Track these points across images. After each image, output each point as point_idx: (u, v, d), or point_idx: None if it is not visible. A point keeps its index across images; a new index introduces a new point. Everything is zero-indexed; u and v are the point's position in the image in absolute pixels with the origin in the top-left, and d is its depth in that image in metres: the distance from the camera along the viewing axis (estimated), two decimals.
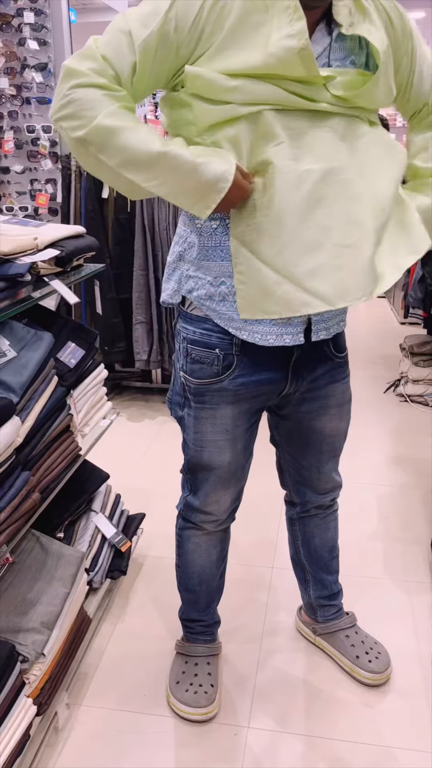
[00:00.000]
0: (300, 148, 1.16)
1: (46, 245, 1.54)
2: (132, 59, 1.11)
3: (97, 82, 1.10)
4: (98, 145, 1.11)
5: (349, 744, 1.51)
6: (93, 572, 1.82)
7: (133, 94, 1.15)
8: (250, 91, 1.12)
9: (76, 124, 1.11)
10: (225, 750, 1.50)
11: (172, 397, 1.45)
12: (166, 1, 1.10)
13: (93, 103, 1.09)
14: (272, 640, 1.83)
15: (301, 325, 1.28)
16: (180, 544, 1.62)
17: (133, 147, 1.10)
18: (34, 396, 1.46)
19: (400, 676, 1.70)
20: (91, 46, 1.12)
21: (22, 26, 3.30)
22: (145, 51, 1.11)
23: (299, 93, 1.14)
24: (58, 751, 1.50)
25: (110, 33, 1.13)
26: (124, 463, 2.86)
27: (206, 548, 1.60)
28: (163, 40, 1.11)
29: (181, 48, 1.13)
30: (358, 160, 1.22)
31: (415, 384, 3.57)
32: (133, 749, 1.51)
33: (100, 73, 1.11)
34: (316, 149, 1.17)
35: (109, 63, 1.11)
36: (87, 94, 1.10)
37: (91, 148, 1.12)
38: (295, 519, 1.72)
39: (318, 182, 1.16)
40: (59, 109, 1.12)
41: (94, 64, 1.10)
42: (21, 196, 3.60)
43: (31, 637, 1.41)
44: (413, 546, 2.25)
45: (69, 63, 1.12)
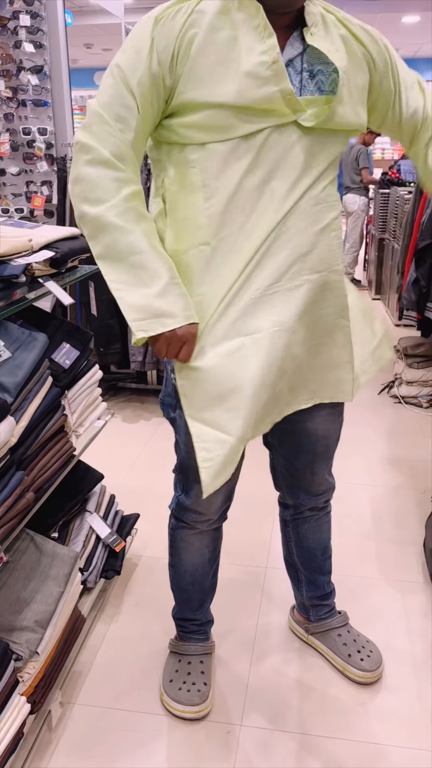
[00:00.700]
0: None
1: (41, 247, 1.55)
2: (134, 104, 1.18)
3: (104, 157, 1.19)
4: (89, 232, 1.22)
5: (341, 742, 1.52)
6: (87, 572, 1.83)
7: (136, 141, 1.21)
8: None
9: (82, 202, 1.22)
10: (218, 748, 1.51)
11: (164, 399, 1.46)
12: (147, 39, 1.15)
13: (99, 186, 1.19)
14: (265, 639, 1.84)
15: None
16: (172, 543, 1.63)
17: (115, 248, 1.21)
18: (29, 396, 1.46)
19: (392, 675, 1.71)
20: (93, 111, 1.20)
21: (18, 29, 3.31)
22: (142, 94, 1.18)
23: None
24: (52, 750, 1.51)
25: (105, 89, 1.20)
26: (118, 464, 2.87)
27: (198, 547, 1.61)
28: (152, 78, 1.17)
29: (165, 79, 1.18)
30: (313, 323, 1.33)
31: (409, 385, 3.59)
32: (126, 747, 1.52)
33: (106, 140, 1.19)
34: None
35: (114, 118, 1.18)
36: (93, 174, 1.19)
37: (84, 230, 1.23)
38: (289, 520, 1.73)
39: (269, 350, 1.25)
40: (72, 182, 1.23)
41: (100, 130, 1.19)
42: (17, 198, 3.61)
43: (25, 636, 1.42)
44: (406, 546, 2.27)
45: (78, 137, 1.21)
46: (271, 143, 1.20)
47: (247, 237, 1.23)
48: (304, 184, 1.23)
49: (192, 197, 1.23)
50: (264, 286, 1.24)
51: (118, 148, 1.19)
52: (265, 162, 1.20)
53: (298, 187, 1.23)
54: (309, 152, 1.23)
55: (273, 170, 1.21)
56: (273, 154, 1.20)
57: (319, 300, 1.31)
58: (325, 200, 1.27)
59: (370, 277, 6.08)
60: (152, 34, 1.15)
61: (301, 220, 1.24)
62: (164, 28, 1.15)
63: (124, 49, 1.19)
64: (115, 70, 1.19)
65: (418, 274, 3.34)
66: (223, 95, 1.15)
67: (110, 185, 1.19)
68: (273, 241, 1.23)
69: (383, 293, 5.73)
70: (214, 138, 1.19)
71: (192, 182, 1.23)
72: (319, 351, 1.37)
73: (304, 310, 1.29)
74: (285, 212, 1.23)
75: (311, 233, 1.26)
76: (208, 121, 1.17)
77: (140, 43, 1.16)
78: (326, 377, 1.41)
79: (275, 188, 1.22)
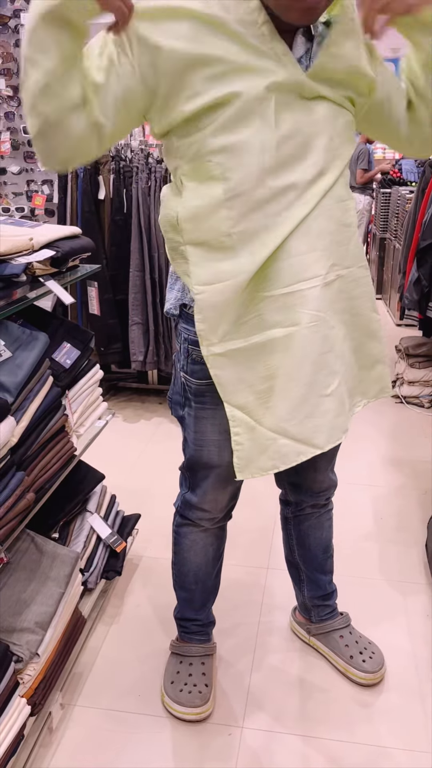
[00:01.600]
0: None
1: (42, 246, 1.55)
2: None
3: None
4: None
5: (343, 744, 1.52)
6: (88, 573, 1.83)
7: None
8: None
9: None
10: (219, 750, 1.51)
11: (172, 396, 1.45)
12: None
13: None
14: (267, 640, 1.84)
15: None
16: (176, 541, 1.63)
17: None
18: (30, 396, 1.46)
19: (394, 676, 1.70)
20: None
21: (18, 27, 3.30)
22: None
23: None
24: (52, 752, 1.50)
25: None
26: (119, 464, 2.86)
27: (202, 546, 1.60)
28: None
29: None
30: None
31: (410, 385, 3.58)
32: (127, 749, 1.51)
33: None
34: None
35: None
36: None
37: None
38: (290, 518, 1.72)
39: (302, 345, 1.23)
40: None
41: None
42: (17, 197, 3.60)
43: (26, 637, 1.41)
44: (408, 547, 2.26)
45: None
46: (284, 118, 1.14)
47: (272, 231, 1.19)
48: (326, 181, 1.21)
49: (211, 190, 1.18)
50: (294, 282, 1.21)
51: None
52: (286, 148, 1.15)
53: (321, 183, 1.20)
54: (326, 136, 1.18)
55: (293, 160, 1.17)
56: (292, 142, 1.16)
57: (354, 297, 1.30)
58: (342, 198, 1.25)
59: (372, 276, 6.08)
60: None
61: (327, 217, 1.22)
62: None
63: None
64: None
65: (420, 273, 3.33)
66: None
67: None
68: (301, 236, 1.20)
69: (384, 293, 5.72)
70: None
71: (211, 176, 1.17)
72: (361, 348, 1.36)
73: (340, 306, 1.28)
74: (311, 208, 1.19)
75: (338, 229, 1.24)
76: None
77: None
78: (370, 375, 1.40)
79: (297, 182, 1.18)
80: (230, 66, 1.10)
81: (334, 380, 1.27)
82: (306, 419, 1.26)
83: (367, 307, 1.35)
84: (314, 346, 1.24)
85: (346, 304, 1.30)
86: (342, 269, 1.27)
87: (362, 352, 1.37)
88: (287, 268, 1.20)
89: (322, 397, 1.26)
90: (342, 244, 1.26)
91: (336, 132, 1.21)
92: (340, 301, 1.28)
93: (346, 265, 1.27)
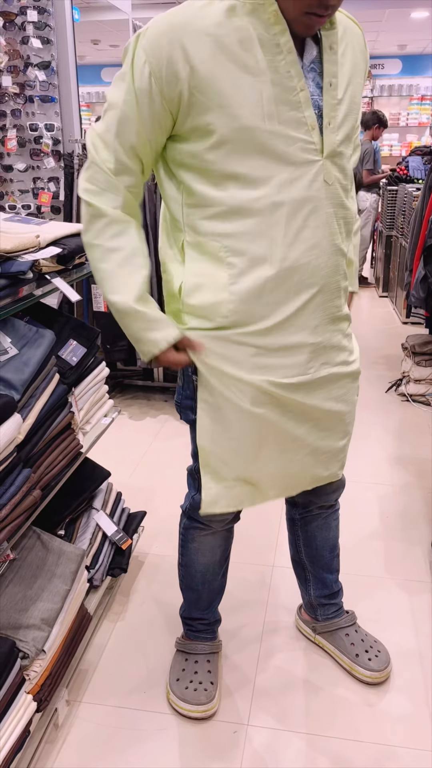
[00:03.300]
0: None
1: (48, 243, 1.55)
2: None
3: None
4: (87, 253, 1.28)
5: (348, 742, 1.52)
6: (94, 570, 1.83)
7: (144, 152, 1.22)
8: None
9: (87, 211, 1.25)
10: (224, 747, 1.51)
11: (182, 402, 1.43)
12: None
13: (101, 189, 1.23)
14: (272, 638, 1.84)
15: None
16: (184, 543, 1.62)
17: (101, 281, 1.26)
18: (36, 393, 1.46)
19: (400, 675, 1.70)
20: (96, 140, 1.22)
21: (25, 24, 3.30)
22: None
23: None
24: (58, 748, 1.51)
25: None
26: (125, 461, 2.86)
27: (210, 547, 1.60)
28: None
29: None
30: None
31: (416, 383, 3.57)
32: (132, 746, 1.51)
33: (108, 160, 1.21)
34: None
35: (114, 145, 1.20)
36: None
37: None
38: (297, 519, 1.71)
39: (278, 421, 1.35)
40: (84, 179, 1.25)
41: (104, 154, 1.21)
42: (24, 194, 3.60)
43: (32, 634, 1.42)
44: (414, 545, 2.25)
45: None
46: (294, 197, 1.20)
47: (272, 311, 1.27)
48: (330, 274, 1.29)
49: (215, 269, 1.25)
50: (285, 375, 1.30)
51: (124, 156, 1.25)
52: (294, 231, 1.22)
53: (329, 264, 1.28)
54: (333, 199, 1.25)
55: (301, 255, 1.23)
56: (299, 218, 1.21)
57: (338, 388, 1.40)
58: (340, 307, 1.36)
59: (378, 274, 6.06)
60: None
61: (324, 315, 1.31)
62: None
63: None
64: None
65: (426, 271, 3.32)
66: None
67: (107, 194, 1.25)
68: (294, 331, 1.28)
69: (391, 291, 5.70)
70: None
71: (215, 256, 1.24)
72: (331, 426, 1.45)
73: (322, 395, 1.37)
74: (314, 292, 1.27)
75: (334, 328, 1.35)
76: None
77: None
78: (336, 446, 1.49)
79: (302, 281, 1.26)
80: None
81: (299, 450, 1.40)
82: (272, 470, 1.40)
83: (351, 402, 1.46)
84: (287, 425, 1.36)
85: (327, 395, 1.38)
86: (331, 367, 1.36)
87: (333, 434, 1.46)
88: (283, 364, 1.30)
89: (289, 462, 1.40)
90: (333, 347, 1.35)
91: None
92: (323, 393, 1.37)
93: (334, 363, 1.36)
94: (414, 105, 10.81)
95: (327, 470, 1.49)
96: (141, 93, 1.14)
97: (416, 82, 10.79)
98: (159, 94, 1.13)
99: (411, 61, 10.78)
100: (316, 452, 1.44)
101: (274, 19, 1.11)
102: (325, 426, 1.42)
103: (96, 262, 1.25)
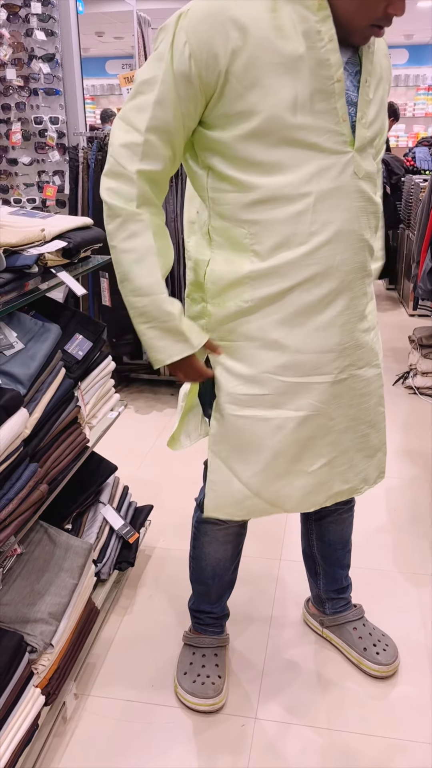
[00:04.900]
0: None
1: (54, 237, 1.54)
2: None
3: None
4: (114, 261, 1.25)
5: (356, 736, 1.51)
6: (101, 564, 1.83)
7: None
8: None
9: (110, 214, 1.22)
10: (232, 741, 1.51)
11: (203, 395, 1.45)
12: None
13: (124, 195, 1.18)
14: (280, 631, 1.83)
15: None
16: (196, 536, 1.62)
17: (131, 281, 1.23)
18: (42, 388, 1.46)
19: (408, 669, 1.70)
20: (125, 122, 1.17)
21: (29, 17, 3.28)
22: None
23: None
24: (67, 741, 1.51)
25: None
26: (131, 455, 2.86)
27: (223, 542, 1.59)
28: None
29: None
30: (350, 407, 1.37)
31: (424, 376, 3.56)
32: (140, 739, 1.52)
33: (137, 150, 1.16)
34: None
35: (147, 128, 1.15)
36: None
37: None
38: (311, 514, 1.70)
39: (296, 429, 1.31)
40: (106, 174, 1.21)
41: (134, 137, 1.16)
42: (29, 187, 3.59)
43: (40, 628, 1.42)
44: (422, 539, 2.25)
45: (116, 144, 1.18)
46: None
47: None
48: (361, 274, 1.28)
49: (238, 257, 1.24)
50: (308, 374, 1.28)
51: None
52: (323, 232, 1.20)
53: (359, 255, 1.26)
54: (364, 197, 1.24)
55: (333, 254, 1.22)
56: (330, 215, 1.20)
57: (363, 394, 1.38)
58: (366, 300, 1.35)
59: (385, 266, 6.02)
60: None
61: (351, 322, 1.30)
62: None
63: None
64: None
65: None
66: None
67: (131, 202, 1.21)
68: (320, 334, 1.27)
69: (398, 283, 5.67)
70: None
71: (240, 243, 1.23)
72: (365, 439, 1.44)
73: (346, 401, 1.35)
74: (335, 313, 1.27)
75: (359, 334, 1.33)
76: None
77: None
78: (371, 463, 1.48)
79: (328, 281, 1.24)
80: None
81: (317, 461, 1.36)
82: (282, 489, 1.36)
83: (374, 403, 1.42)
84: (306, 431, 1.32)
85: (354, 400, 1.37)
86: (356, 369, 1.34)
87: (366, 443, 1.44)
88: (304, 362, 1.27)
89: (302, 473, 1.36)
90: (360, 347, 1.33)
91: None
92: (347, 397, 1.35)
93: (360, 365, 1.35)
94: (421, 95, 10.73)
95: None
96: (180, 75, 1.11)
97: (423, 72, 10.71)
98: (198, 76, 1.10)
99: (418, 51, 10.69)
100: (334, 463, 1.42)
101: (318, 5, 1.10)
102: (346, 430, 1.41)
103: (124, 264, 1.23)
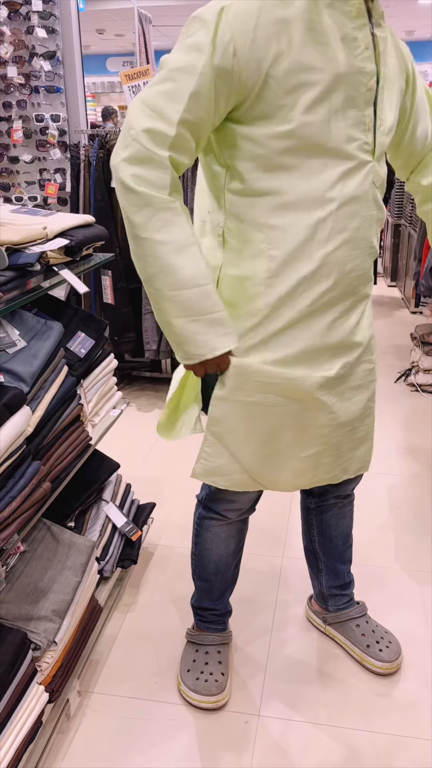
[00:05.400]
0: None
1: (56, 234, 1.54)
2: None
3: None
4: (137, 254, 1.16)
5: (359, 732, 1.52)
6: (104, 561, 1.83)
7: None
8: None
9: (135, 198, 1.12)
10: (236, 738, 1.51)
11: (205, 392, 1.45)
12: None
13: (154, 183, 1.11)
14: (283, 629, 1.84)
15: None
16: (198, 533, 1.62)
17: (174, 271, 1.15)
18: (45, 386, 1.46)
19: (411, 666, 1.70)
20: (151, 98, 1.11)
21: (30, 14, 3.28)
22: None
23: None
24: (70, 738, 1.52)
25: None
26: (134, 453, 2.86)
27: (225, 538, 1.60)
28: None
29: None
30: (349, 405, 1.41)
31: (426, 373, 3.55)
32: (143, 736, 1.52)
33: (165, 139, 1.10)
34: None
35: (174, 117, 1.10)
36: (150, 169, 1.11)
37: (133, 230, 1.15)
38: (312, 509, 1.71)
39: (296, 416, 1.34)
40: (124, 149, 1.12)
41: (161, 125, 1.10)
42: (30, 185, 3.59)
43: (43, 626, 1.42)
44: (424, 536, 2.25)
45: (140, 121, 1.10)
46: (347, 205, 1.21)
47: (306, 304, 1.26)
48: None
49: (253, 262, 1.24)
50: (310, 368, 1.30)
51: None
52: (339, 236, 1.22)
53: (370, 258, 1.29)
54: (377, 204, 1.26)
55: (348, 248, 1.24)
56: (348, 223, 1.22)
57: (358, 386, 1.41)
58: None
59: (386, 263, 6.01)
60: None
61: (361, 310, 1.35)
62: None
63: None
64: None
65: None
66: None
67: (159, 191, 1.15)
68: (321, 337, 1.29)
69: (399, 280, 5.67)
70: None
71: (256, 248, 1.22)
72: (353, 432, 1.46)
73: (344, 396, 1.38)
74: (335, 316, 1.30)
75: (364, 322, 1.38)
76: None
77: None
78: (355, 455, 1.50)
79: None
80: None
81: (310, 449, 1.40)
82: (272, 470, 1.40)
83: (366, 397, 1.44)
84: (305, 420, 1.35)
85: (347, 393, 1.39)
86: (354, 366, 1.37)
87: (353, 435, 1.47)
88: (309, 360, 1.29)
89: (294, 458, 1.40)
90: (359, 345, 1.36)
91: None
92: (346, 391, 1.38)
93: (358, 362, 1.38)
94: None
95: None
96: (220, 71, 1.09)
97: (424, 68, 10.70)
98: (238, 76, 1.09)
99: (419, 47, 10.68)
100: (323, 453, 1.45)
101: (356, 12, 1.11)
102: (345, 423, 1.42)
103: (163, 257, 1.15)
